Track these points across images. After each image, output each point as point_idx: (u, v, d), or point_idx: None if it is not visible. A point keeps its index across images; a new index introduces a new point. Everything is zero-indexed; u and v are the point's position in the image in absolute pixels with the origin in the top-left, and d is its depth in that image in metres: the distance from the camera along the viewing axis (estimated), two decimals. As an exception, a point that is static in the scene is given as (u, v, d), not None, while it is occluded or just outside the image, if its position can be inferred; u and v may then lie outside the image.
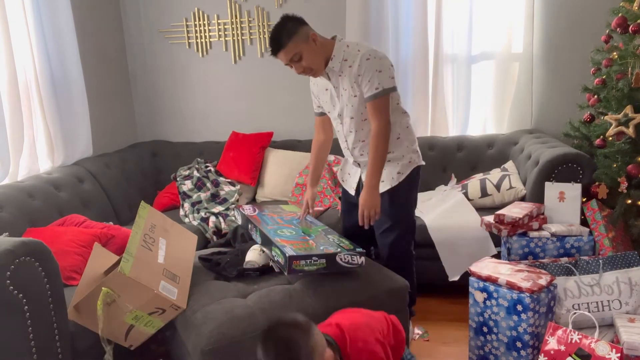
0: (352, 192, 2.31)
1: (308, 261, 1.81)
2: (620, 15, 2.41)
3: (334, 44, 2.08)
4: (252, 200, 3.39)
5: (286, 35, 1.99)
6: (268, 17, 3.49)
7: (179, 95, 3.77)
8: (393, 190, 2.17)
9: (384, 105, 2.05)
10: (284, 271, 1.84)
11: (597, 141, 2.52)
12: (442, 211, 2.81)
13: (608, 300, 2.08)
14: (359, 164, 2.27)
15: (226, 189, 3.27)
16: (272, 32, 2.04)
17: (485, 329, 2.06)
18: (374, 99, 2.02)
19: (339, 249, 1.90)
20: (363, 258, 1.92)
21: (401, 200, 2.19)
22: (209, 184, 3.25)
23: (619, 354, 1.72)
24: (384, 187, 2.18)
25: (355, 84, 2.05)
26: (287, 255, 1.78)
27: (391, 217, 2.19)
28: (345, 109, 2.14)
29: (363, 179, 2.25)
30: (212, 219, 2.97)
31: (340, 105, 2.16)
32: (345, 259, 1.88)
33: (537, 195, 2.59)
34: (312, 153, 2.42)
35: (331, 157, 3.31)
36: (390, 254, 2.25)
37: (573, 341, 1.79)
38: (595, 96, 2.66)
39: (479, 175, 3.00)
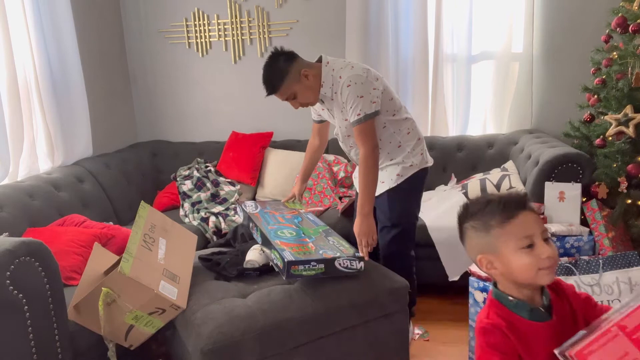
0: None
1: (307, 266, 1.81)
2: (620, 15, 2.41)
3: (321, 68, 2.09)
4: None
5: (278, 77, 2.03)
6: (268, 17, 3.49)
7: (179, 95, 3.77)
8: (392, 191, 2.18)
9: (368, 130, 2.06)
10: (282, 275, 1.84)
11: (597, 141, 2.51)
12: (442, 211, 2.81)
13: (608, 300, 2.08)
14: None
15: (226, 189, 3.27)
16: (264, 71, 2.08)
17: (485, 329, 2.05)
18: (357, 124, 2.05)
19: (338, 254, 1.90)
20: (362, 263, 1.92)
21: (399, 201, 2.20)
22: (209, 184, 3.25)
23: (619, 354, 1.72)
24: (383, 188, 2.20)
25: (344, 110, 2.10)
26: (285, 260, 1.78)
27: (389, 217, 2.20)
28: (341, 129, 2.20)
29: None
30: (212, 219, 2.97)
31: (337, 126, 2.23)
32: (344, 264, 1.88)
33: (537, 195, 2.58)
34: (305, 154, 2.53)
35: (331, 157, 3.31)
36: (388, 253, 2.26)
37: (573, 341, 1.79)
38: (595, 96, 2.66)
39: (479, 175, 3.00)
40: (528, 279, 1.09)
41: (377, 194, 2.17)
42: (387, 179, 2.19)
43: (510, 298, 1.12)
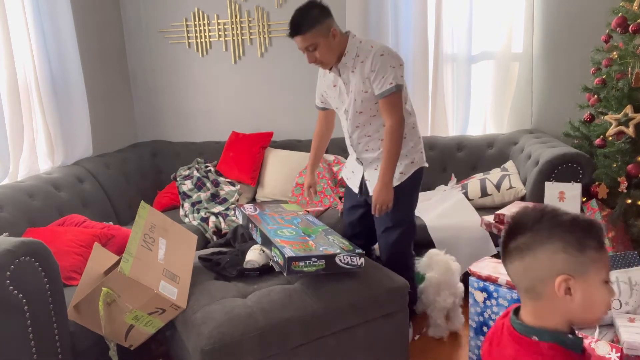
0: (356, 191, 2.32)
1: (307, 262, 1.81)
2: (620, 15, 2.41)
3: (347, 39, 2.10)
4: (252, 200, 3.39)
5: (309, 22, 2.01)
6: (268, 17, 3.49)
7: (179, 95, 3.77)
8: (395, 190, 2.17)
9: (397, 102, 2.07)
10: (283, 272, 1.84)
11: (597, 141, 2.52)
12: (442, 211, 2.81)
13: (608, 300, 2.07)
14: (361, 162, 2.27)
15: (226, 189, 3.27)
16: (295, 13, 2.05)
17: (485, 329, 2.06)
18: (388, 94, 2.04)
19: (338, 250, 1.90)
20: (362, 259, 1.92)
21: (402, 200, 2.19)
22: (209, 184, 3.25)
23: (619, 354, 1.72)
24: None
25: (367, 80, 2.07)
26: (286, 256, 1.78)
27: (393, 217, 2.19)
28: (353, 104, 2.14)
29: (366, 177, 2.26)
30: (212, 219, 2.97)
31: (348, 101, 2.16)
32: (344, 260, 1.88)
33: (537, 195, 2.59)
34: (313, 142, 2.48)
35: (331, 157, 3.31)
36: (391, 254, 2.25)
37: (573, 341, 1.79)
38: (595, 96, 2.66)
39: (479, 175, 3.00)
40: (597, 316, 0.95)
41: None
42: None
43: (571, 336, 0.96)
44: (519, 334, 0.98)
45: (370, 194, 2.23)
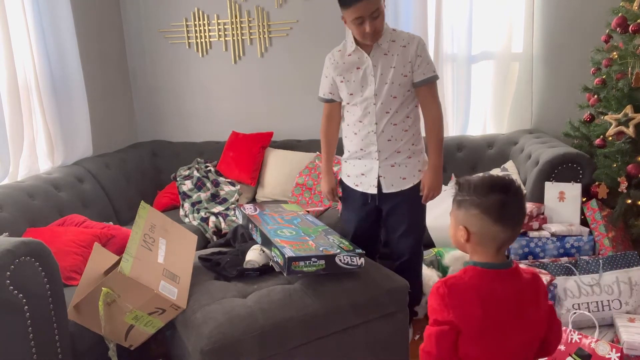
0: (374, 191, 2.18)
1: (307, 262, 1.81)
2: (620, 15, 2.41)
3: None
4: (252, 200, 3.39)
5: None
6: (268, 17, 3.49)
7: (179, 95, 3.77)
8: (416, 188, 2.16)
9: (436, 91, 2.14)
10: (283, 272, 1.84)
11: (597, 141, 2.52)
12: (442, 211, 2.81)
13: (608, 300, 2.08)
14: (377, 158, 2.15)
15: (226, 189, 3.27)
16: None
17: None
18: (431, 81, 2.08)
19: (338, 250, 1.90)
20: (362, 259, 1.92)
21: (420, 201, 2.19)
22: (209, 184, 3.25)
23: (619, 354, 1.72)
24: (406, 184, 2.16)
25: (409, 64, 2.05)
26: (286, 256, 1.78)
27: (411, 218, 2.19)
28: (389, 87, 2.07)
29: (380, 174, 2.15)
30: (212, 219, 2.97)
31: (377, 84, 2.08)
32: (344, 260, 1.88)
33: (537, 195, 2.59)
34: (322, 140, 2.32)
35: (331, 157, 3.31)
36: (410, 256, 2.25)
37: (573, 341, 1.79)
38: (595, 96, 2.66)
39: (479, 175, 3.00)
40: None
41: (397, 190, 2.15)
42: (410, 175, 2.16)
43: None
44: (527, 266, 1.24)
45: (384, 191, 2.16)
